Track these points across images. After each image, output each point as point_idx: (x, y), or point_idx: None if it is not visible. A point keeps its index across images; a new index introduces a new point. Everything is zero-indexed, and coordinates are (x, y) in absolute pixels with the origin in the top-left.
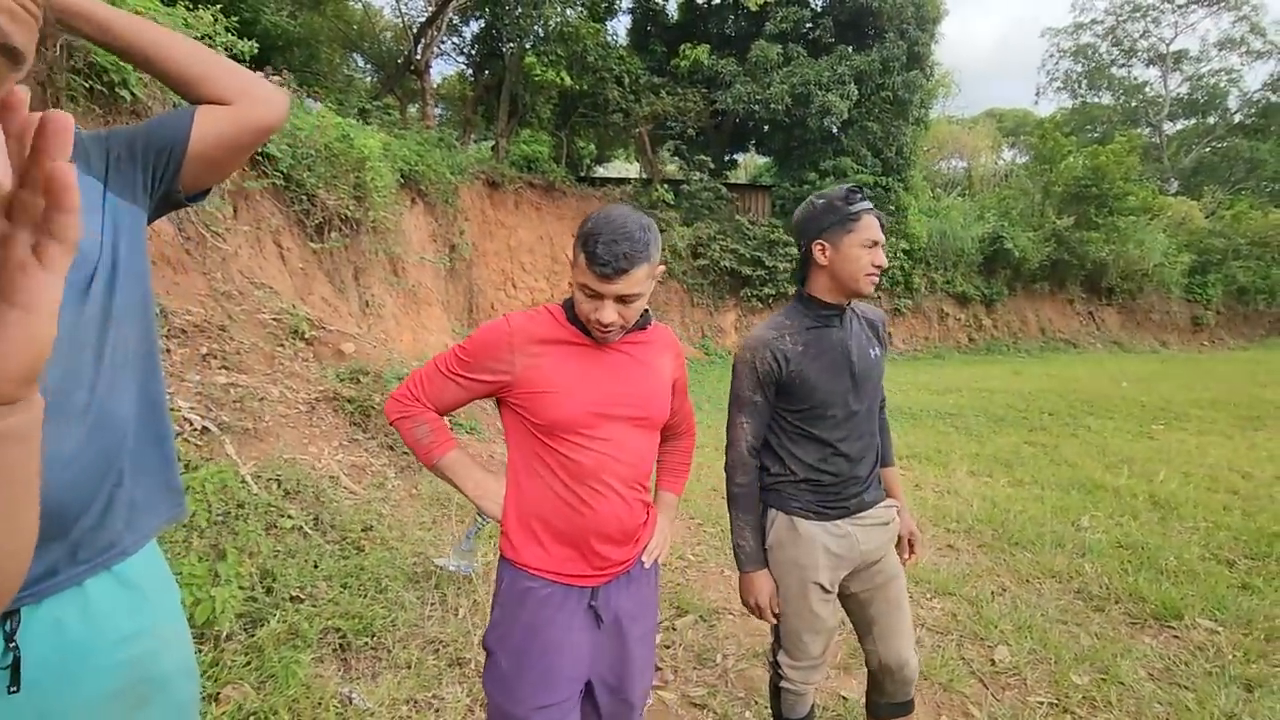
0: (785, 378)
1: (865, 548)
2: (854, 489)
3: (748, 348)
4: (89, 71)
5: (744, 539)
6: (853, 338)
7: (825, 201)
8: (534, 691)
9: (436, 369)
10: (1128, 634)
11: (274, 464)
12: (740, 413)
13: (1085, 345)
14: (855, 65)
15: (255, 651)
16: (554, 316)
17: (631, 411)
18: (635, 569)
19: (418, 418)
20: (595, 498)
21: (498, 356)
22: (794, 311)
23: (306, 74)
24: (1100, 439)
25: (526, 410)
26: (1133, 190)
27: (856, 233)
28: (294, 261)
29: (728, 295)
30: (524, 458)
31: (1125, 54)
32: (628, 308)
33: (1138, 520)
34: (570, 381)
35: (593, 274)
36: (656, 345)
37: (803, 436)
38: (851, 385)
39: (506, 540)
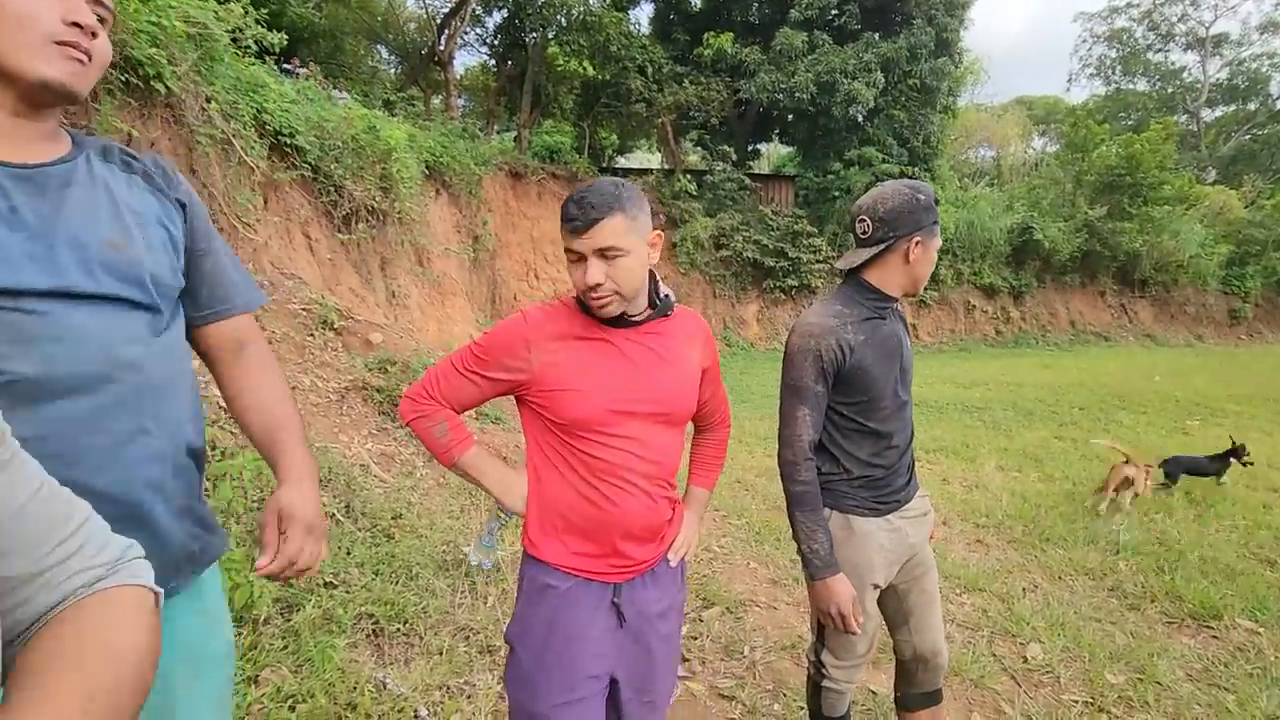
0: (847, 368)
1: (913, 540)
2: (901, 480)
3: (809, 335)
4: (124, 65)
5: (817, 542)
6: (899, 330)
7: (926, 198)
8: (554, 688)
9: (453, 367)
10: (1164, 633)
11: None
12: (801, 404)
13: (1117, 338)
14: (882, 52)
15: (292, 635)
16: (570, 310)
17: (652, 408)
18: (660, 566)
19: (433, 416)
20: (618, 495)
21: (514, 354)
22: (850, 300)
23: (332, 66)
24: (1133, 434)
25: (545, 408)
26: (1168, 179)
27: (938, 238)
28: (322, 252)
29: (750, 287)
30: (544, 454)
31: (1162, 38)
32: (614, 266)
33: (1173, 518)
34: (588, 378)
35: (566, 232)
36: (682, 334)
37: (857, 431)
38: (900, 376)
39: (527, 537)
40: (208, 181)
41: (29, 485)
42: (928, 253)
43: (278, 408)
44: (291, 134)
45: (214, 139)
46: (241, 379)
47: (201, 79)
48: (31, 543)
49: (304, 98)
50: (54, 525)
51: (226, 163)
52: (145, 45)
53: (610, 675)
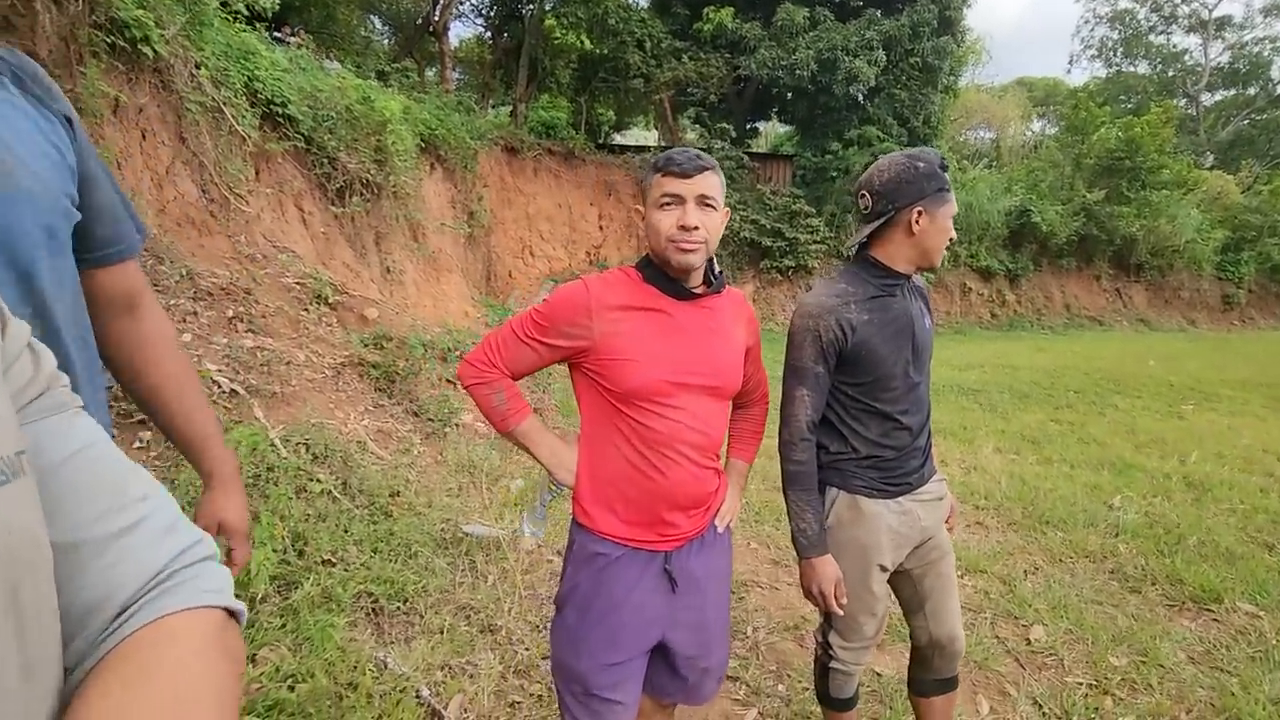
0: (850, 348)
1: (925, 524)
2: (914, 463)
3: (809, 315)
4: (110, 27)
5: (805, 521)
6: (912, 308)
7: (927, 165)
8: (599, 648)
9: (513, 332)
10: (1166, 616)
11: (302, 428)
12: (800, 385)
13: (1111, 323)
14: (884, 30)
15: (290, 614)
16: (631, 279)
17: (706, 380)
18: (708, 534)
19: (494, 384)
20: (668, 465)
21: (575, 321)
22: (855, 277)
23: (324, 35)
24: (1129, 418)
25: (602, 377)
26: (1167, 163)
27: (950, 204)
28: (315, 225)
29: (747, 266)
30: (597, 423)
31: (1165, 20)
32: (708, 216)
33: (1171, 501)
34: (648, 349)
35: (673, 176)
36: (731, 311)
37: (864, 411)
38: (912, 356)
39: (579, 506)
40: (198, 150)
41: (80, 438)
42: (935, 222)
43: (189, 396)
44: (284, 103)
45: (204, 106)
46: (140, 350)
47: (191, 44)
48: (72, 505)
49: (296, 67)
50: (101, 489)
51: (217, 132)
52: (131, 6)
53: (661, 642)
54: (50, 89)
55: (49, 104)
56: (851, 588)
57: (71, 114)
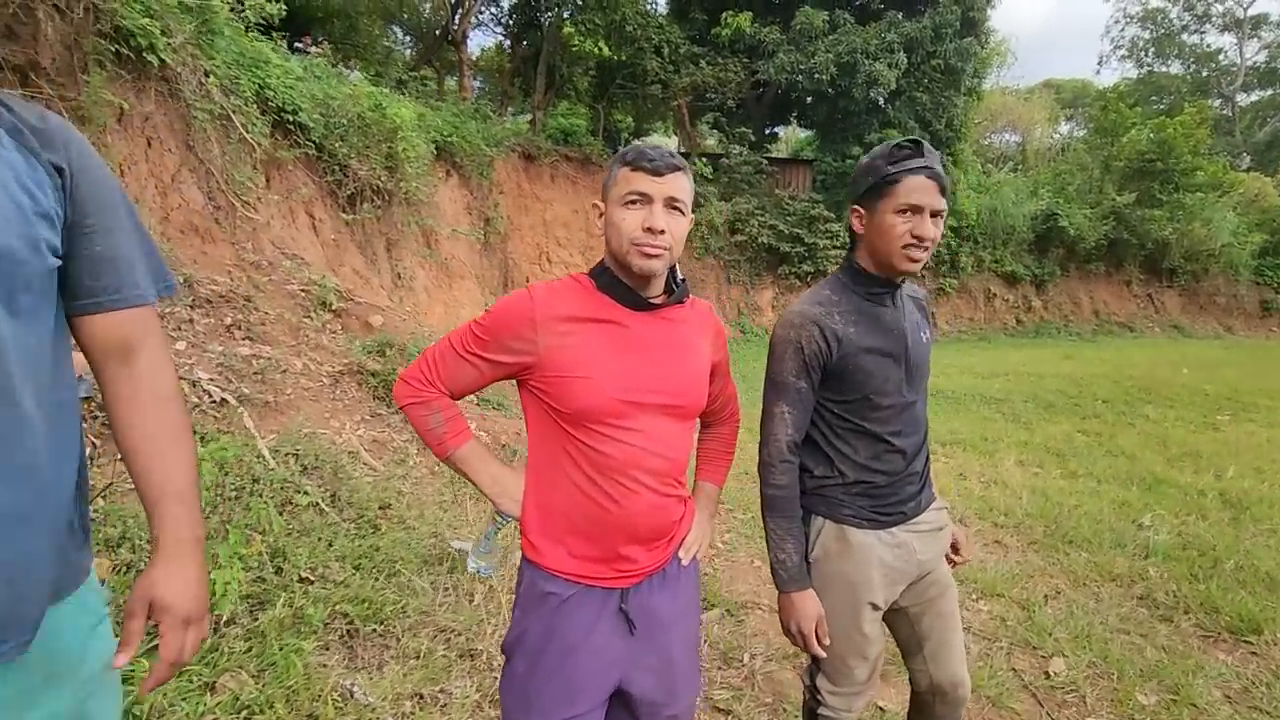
0: (835, 361)
1: (923, 557)
2: (909, 490)
3: (790, 325)
4: (115, 36)
5: (784, 552)
6: (905, 319)
7: (869, 159)
8: (552, 702)
9: (451, 347)
10: (1199, 649)
11: (293, 438)
12: (780, 400)
13: (1142, 329)
14: (905, 32)
15: (257, 637)
16: (583, 287)
17: (666, 399)
18: (671, 567)
19: (431, 403)
20: (624, 494)
21: (518, 334)
22: (840, 286)
23: (346, 46)
24: (1161, 429)
25: (549, 396)
26: (1202, 165)
27: (892, 197)
28: (326, 232)
29: (765, 272)
30: (545, 447)
31: (1198, 19)
32: (675, 220)
33: (1207, 520)
34: (599, 365)
35: (643, 173)
36: (695, 323)
37: (852, 431)
38: (905, 373)
39: (526, 539)
40: (205, 158)
41: None
42: (874, 220)
43: (161, 455)
44: (295, 111)
45: (212, 115)
46: (127, 404)
47: (201, 52)
48: None
49: (311, 75)
50: None
51: (226, 139)
52: (137, 15)
53: (620, 687)
54: (50, 140)
55: (39, 154)
56: (840, 627)
57: (68, 164)
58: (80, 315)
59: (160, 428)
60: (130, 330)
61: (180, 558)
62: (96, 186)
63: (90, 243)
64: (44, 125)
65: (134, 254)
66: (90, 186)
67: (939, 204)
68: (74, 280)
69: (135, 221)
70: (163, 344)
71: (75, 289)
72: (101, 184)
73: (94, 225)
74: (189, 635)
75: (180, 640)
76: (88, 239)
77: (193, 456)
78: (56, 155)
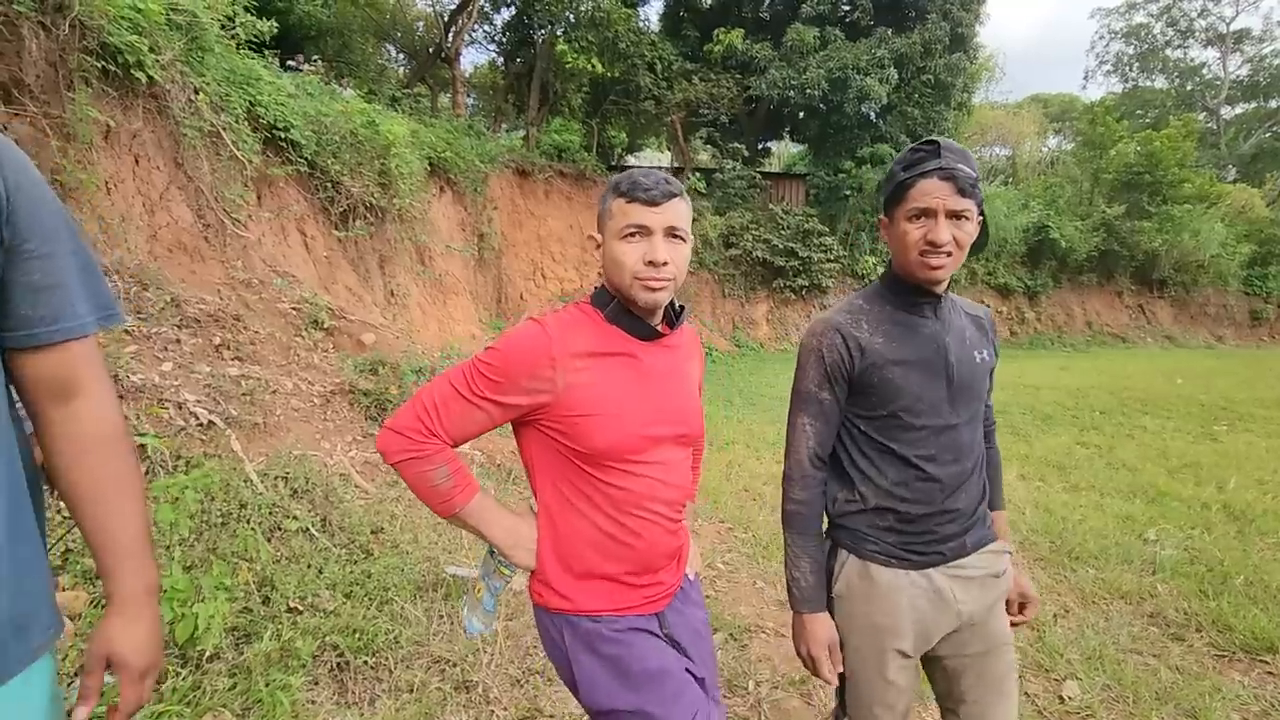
0: (859, 372)
1: (965, 607)
2: (947, 528)
3: (813, 333)
4: (101, 53)
5: (799, 570)
6: (951, 333)
7: (894, 165)
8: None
9: (455, 392)
10: (1214, 668)
11: (283, 460)
12: (802, 412)
13: (1135, 340)
14: (895, 48)
15: (243, 673)
16: (592, 319)
17: (676, 428)
18: (685, 584)
19: (433, 458)
20: (643, 526)
21: (535, 373)
22: (874, 294)
23: (340, 63)
24: (1160, 440)
25: (565, 436)
26: (1189, 177)
27: (905, 203)
28: (318, 250)
29: (760, 286)
30: (558, 490)
31: (1181, 34)
32: (676, 250)
33: (1212, 534)
34: (618, 401)
35: (639, 204)
36: (686, 347)
37: (878, 451)
38: (947, 392)
39: (549, 590)
40: (195, 176)
41: None
42: (893, 227)
43: (107, 501)
44: (286, 128)
45: (202, 132)
46: (66, 449)
47: (191, 69)
48: None
49: (303, 92)
50: None
51: (216, 157)
52: (125, 32)
53: None
54: None
55: None
56: (865, 673)
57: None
58: (14, 350)
59: (104, 474)
60: (70, 367)
61: (134, 610)
62: (35, 206)
63: (28, 269)
64: None
65: (72, 280)
66: (29, 207)
67: (956, 204)
68: (8, 310)
69: (78, 244)
70: (104, 381)
71: (9, 319)
72: (40, 204)
73: (32, 250)
74: (145, 686)
75: (138, 693)
76: (25, 265)
77: (141, 503)
78: None
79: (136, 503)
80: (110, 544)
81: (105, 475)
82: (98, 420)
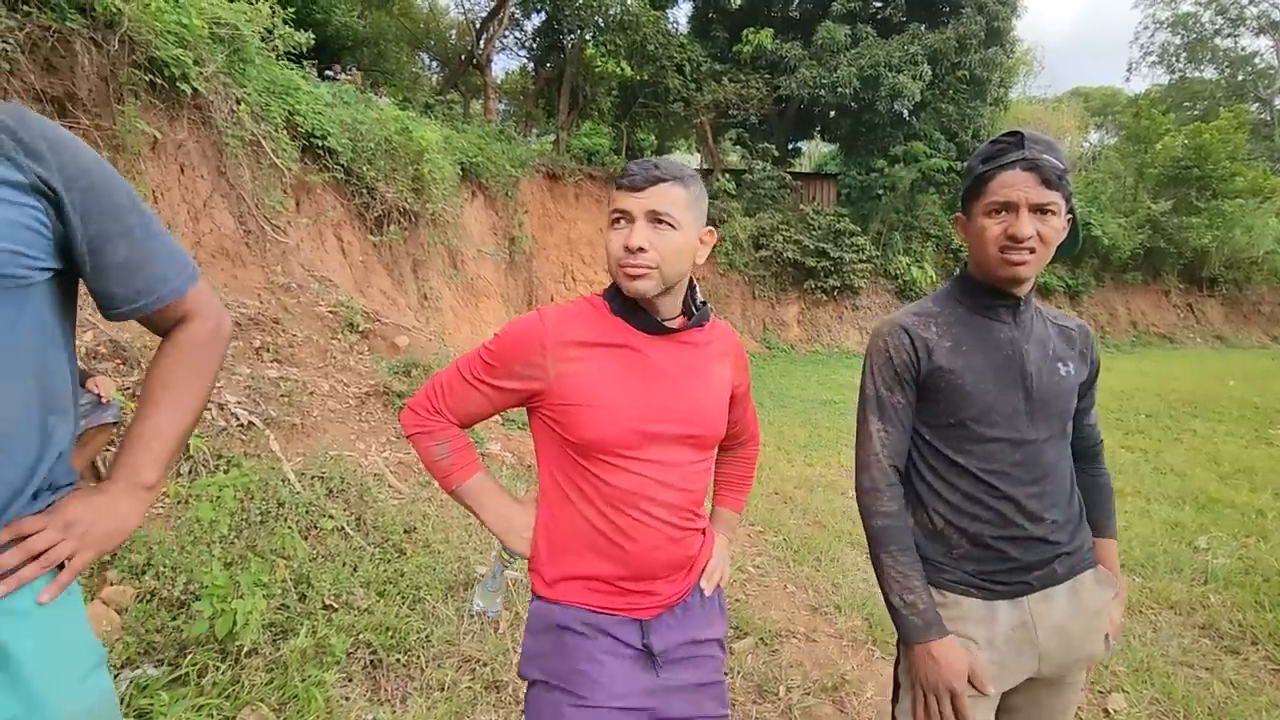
0: (925, 374)
1: (1046, 643)
2: (1034, 555)
3: (879, 333)
4: (149, 66)
5: (911, 594)
6: (1031, 341)
7: (971, 160)
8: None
9: (459, 374)
10: (1272, 684)
11: (319, 460)
12: (873, 415)
13: (1183, 340)
14: (929, 44)
15: (279, 668)
16: (596, 310)
17: (682, 428)
18: (693, 598)
19: (437, 434)
20: (637, 528)
21: (528, 360)
22: (945, 296)
23: (375, 72)
24: (1210, 444)
25: (559, 424)
26: (1240, 171)
27: (983, 197)
28: (354, 254)
29: (790, 287)
30: (556, 478)
31: (1231, 23)
32: (662, 237)
33: (1269, 543)
34: (612, 392)
35: (623, 190)
36: (716, 347)
37: (946, 465)
38: (1025, 404)
39: (538, 576)
40: (236, 183)
41: None
42: (971, 224)
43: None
44: (324, 136)
45: (243, 141)
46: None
47: (233, 81)
48: None
49: (339, 101)
50: None
51: (257, 165)
52: (171, 46)
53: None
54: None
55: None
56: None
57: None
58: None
59: (157, 376)
60: (178, 313)
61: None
62: (98, 190)
63: (113, 250)
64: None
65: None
66: (91, 192)
67: (1040, 197)
68: (103, 293)
69: (145, 214)
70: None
71: (110, 299)
72: (103, 192)
73: (108, 232)
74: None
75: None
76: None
77: (176, 409)
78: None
79: (174, 406)
80: (131, 434)
81: (161, 375)
82: (189, 337)
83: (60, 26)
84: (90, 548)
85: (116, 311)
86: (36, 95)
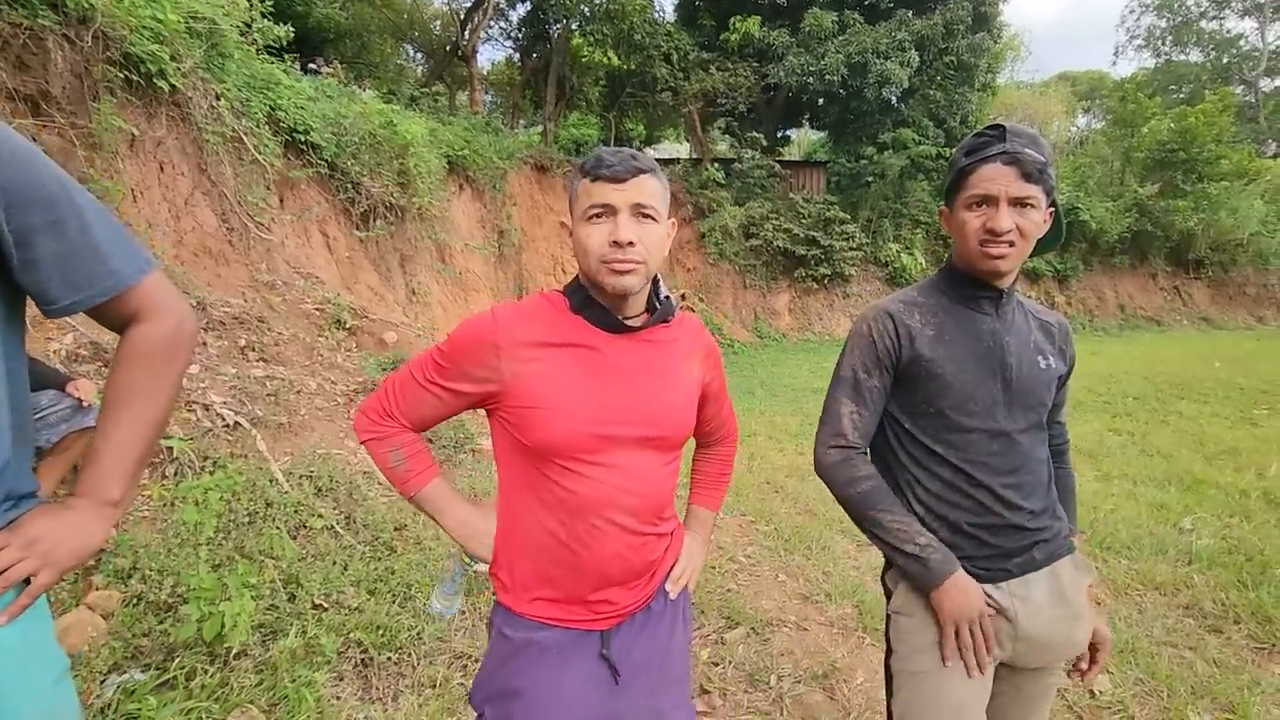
0: (905, 362)
1: (1027, 631)
2: (1012, 543)
3: (863, 318)
4: (125, 63)
5: (920, 534)
6: (1012, 333)
7: (956, 152)
8: None
9: (411, 376)
10: (1254, 662)
11: (307, 459)
12: (845, 396)
13: (1170, 322)
14: (916, 30)
15: (269, 669)
16: (554, 308)
17: (642, 430)
18: (657, 603)
19: (390, 439)
20: (595, 536)
21: (480, 360)
22: (930, 286)
23: (358, 65)
24: (1196, 426)
25: (515, 427)
26: (1226, 153)
27: (965, 189)
28: (340, 250)
29: (781, 276)
30: (512, 484)
31: (1217, 5)
32: (646, 231)
33: (1252, 523)
34: (567, 394)
35: (603, 182)
36: (683, 344)
37: (925, 454)
38: (1003, 395)
39: (498, 581)
40: (218, 180)
41: None
42: (953, 220)
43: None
44: (306, 131)
45: (224, 137)
46: (115, 360)
47: (211, 76)
48: None
49: (322, 95)
50: None
51: (238, 161)
52: (146, 41)
53: None
54: None
55: None
56: (924, 698)
57: None
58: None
59: (120, 384)
60: (130, 307)
61: (78, 508)
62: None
63: (43, 242)
64: None
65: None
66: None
67: (1019, 191)
68: (46, 286)
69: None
70: (163, 309)
71: (49, 294)
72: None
73: (37, 223)
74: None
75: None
76: (38, 239)
77: (139, 422)
78: None
79: (135, 419)
80: (94, 449)
81: (121, 385)
82: (141, 339)
83: (31, 23)
84: (53, 566)
85: (54, 308)
86: (9, 94)
